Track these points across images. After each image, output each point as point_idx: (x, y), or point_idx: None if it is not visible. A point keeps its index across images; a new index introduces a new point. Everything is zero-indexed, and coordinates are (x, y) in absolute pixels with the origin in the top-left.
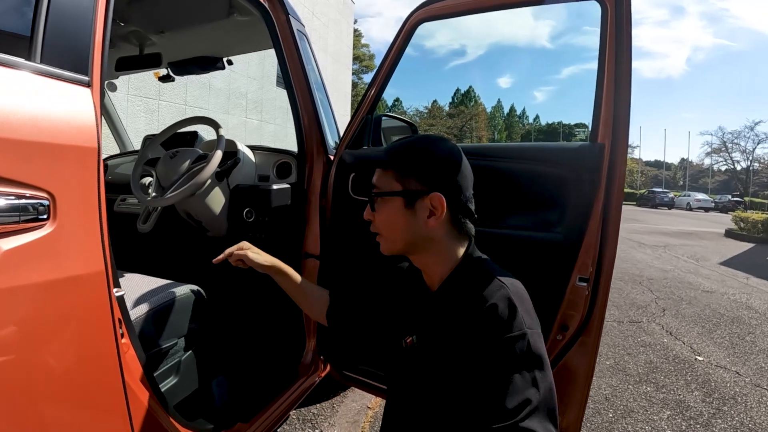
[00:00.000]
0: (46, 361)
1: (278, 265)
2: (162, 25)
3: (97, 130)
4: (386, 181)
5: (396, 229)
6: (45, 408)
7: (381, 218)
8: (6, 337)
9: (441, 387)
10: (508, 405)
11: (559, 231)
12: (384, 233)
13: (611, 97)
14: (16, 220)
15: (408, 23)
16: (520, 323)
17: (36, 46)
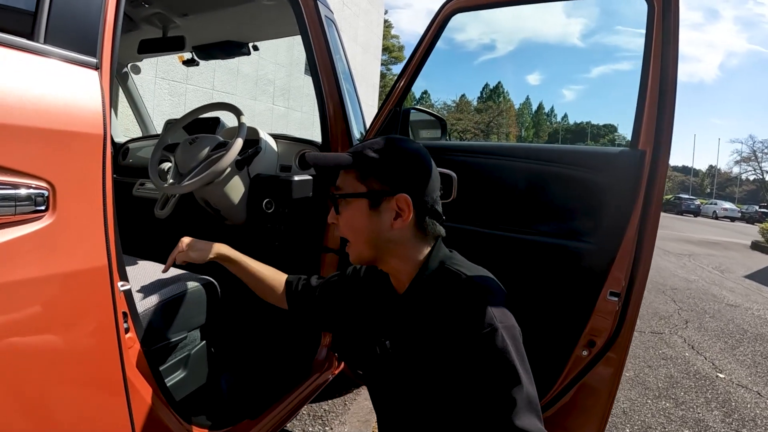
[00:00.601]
0: (42, 358)
1: (223, 254)
2: (186, 7)
3: (104, 116)
4: (350, 182)
5: (361, 233)
6: (42, 407)
7: (345, 221)
8: (1, 333)
9: (423, 391)
10: (494, 406)
11: (593, 241)
12: (350, 238)
13: (655, 102)
14: (11, 211)
15: (442, 13)
16: (490, 318)
17: (40, 25)
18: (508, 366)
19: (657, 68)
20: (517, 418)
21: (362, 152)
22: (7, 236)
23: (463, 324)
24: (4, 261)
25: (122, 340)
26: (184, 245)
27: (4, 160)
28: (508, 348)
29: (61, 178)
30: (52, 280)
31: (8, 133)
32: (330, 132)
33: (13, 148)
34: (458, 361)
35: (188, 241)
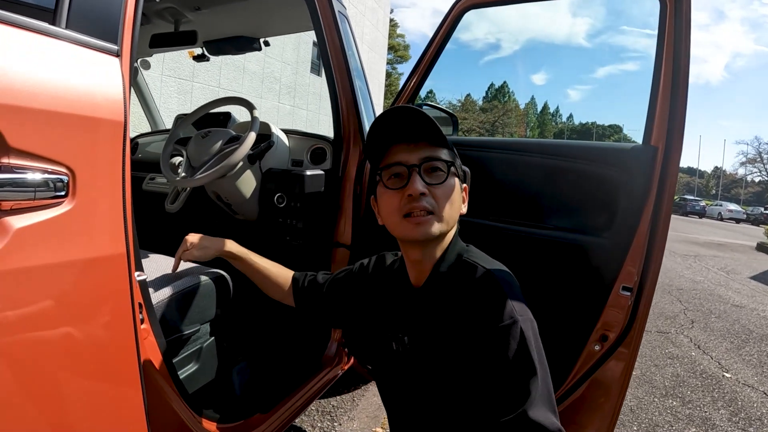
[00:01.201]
0: (60, 345)
1: (228, 251)
2: (198, 1)
3: (124, 103)
4: (446, 155)
5: (455, 207)
6: (58, 391)
7: (444, 190)
8: (18, 319)
9: (442, 386)
10: (510, 397)
11: (606, 236)
12: (442, 209)
13: (667, 99)
14: (30, 196)
15: (454, 10)
16: (510, 311)
17: (62, 10)
18: (526, 358)
19: (669, 65)
20: (531, 410)
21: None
22: (27, 221)
23: (484, 316)
24: (25, 246)
25: (138, 330)
26: (188, 243)
27: (25, 144)
28: (527, 341)
29: (81, 164)
30: (71, 267)
31: (28, 117)
32: (342, 128)
33: (33, 133)
34: (477, 353)
35: (192, 240)
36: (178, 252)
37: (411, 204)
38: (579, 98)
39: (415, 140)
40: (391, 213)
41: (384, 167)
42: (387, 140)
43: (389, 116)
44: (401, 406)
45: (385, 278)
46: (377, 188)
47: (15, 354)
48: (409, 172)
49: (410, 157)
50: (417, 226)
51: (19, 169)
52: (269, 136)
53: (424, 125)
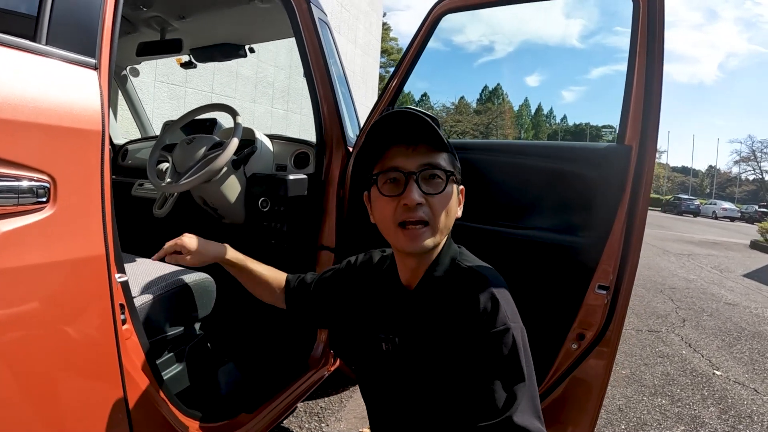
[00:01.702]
0: (40, 344)
1: (225, 259)
2: (183, 10)
3: (102, 113)
4: (446, 164)
5: (450, 216)
6: (39, 392)
7: (441, 200)
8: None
9: (429, 387)
10: (496, 401)
11: (582, 235)
12: (438, 219)
13: (641, 98)
14: (14, 202)
15: (432, 14)
16: (504, 317)
17: (42, 26)
18: (516, 365)
19: (642, 65)
20: (516, 415)
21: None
22: (10, 226)
23: (477, 321)
24: (8, 249)
25: (119, 331)
26: (184, 248)
27: (8, 154)
28: (518, 348)
29: (62, 172)
30: (52, 268)
31: (12, 128)
32: (325, 133)
33: (16, 143)
34: (467, 357)
35: (189, 244)
36: (168, 249)
37: (406, 214)
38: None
39: (415, 143)
40: (385, 219)
41: (380, 172)
42: (385, 141)
43: (390, 118)
44: (385, 406)
45: (374, 277)
46: (371, 190)
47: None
48: (406, 179)
49: (408, 163)
50: (412, 241)
51: (2, 177)
52: (253, 141)
53: (424, 129)
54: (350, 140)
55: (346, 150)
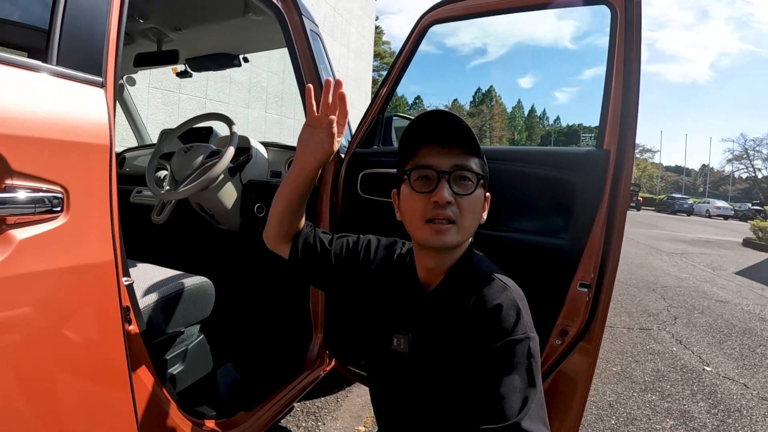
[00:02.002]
0: (57, 342)
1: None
2: (179, 22)
3: (109, 128)
4: (476, 166)
5: (477, 218)
6: (53, 385)
7: (470, 202)
8: (18, 321)
9: (439, 387)
10: (507, 406)
11: (563, 237)
12: (463, 221)
13: (618, 104)
14: (32, 211)
15: (420, 24)
16: (524, 326)
17: (52, 49)
18: (530, 373)
19: (620, 70)
20: (525, 421)
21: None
22: (28, 233)
23: (499, 327)
24: (26, 255)
25: (126, 330)
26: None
27: (26, 167)
28: (534, 358)
29: (74, 183)
30: (66, 273)
31: (28, 144)
32: None
33: (32, 158)
34: (483, 361)
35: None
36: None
37: (435, 211)
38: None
39: (450, 144)
40: (413, 215)
41: (413, 168)
42: (420, 139)
43: (427, 118)
44: (392, 403)
45: (392, 269)
46: (402, 186)
47: (16, 351)
48: (438, 177)
49: (442, 162)
50: (437, 234)
51: (20, 189)
52: (248, 149)
53: (460, 131)
54: (342, 147)
55: (338, 156)
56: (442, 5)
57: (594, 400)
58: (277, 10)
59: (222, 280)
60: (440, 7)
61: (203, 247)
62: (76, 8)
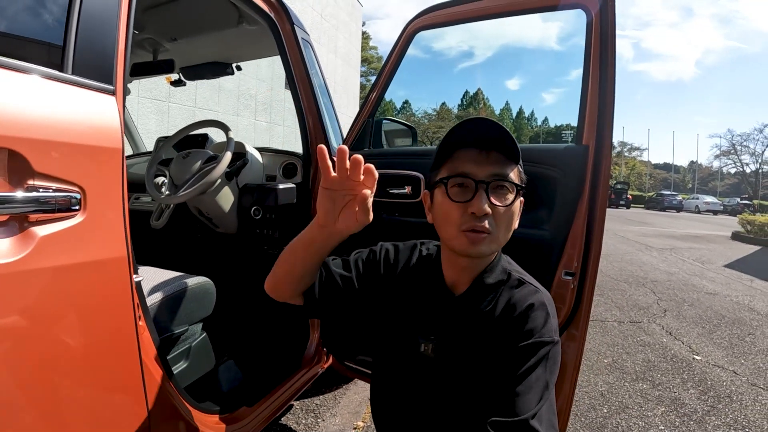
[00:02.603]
0: (73, 334)
1: None
2: (175, 32)
3: (121, 133)
4: (515, 175)
5: (511, 228)
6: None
7: (508, 213)
8: (41, 311)
9: (466, 390)
10: (521, 402)
11: (547, 228)
12: (499, 232)
13: (595, 101)
14: (52, 209)
15: (407, 31)
16: (551, 329)
17: (68, 59)
18: (549, 375)
19: (596, 69)
20: (534, 420)
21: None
22: (49, 230)
23: (529, 326)
24: (48, 250)
25: (137, 326)
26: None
27: (46, 169)
28: (556, 362)
29: (90, 184)
30: (85, 267)
31: (49, 147)
32: (310, 144)
33: (52, 160)
34: (507, 358)
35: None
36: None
37: (472, 222)
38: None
39: (488, 148)
40: (448, 223)
41: (450, 176)
42: (458, 143)
43: (466, 122)
44: (404, 403)
45: (416, 273)
46: (436, 190)
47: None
48: (476, 187)
49: (480, 171)
50: (473, 244)
51: (42, 189)
52: (244, 154)
53: (499, 135)
54: (334, 150)
55: (331, 159)
56: (427, 12)
57: (586, 391)
58: (270, 19)
59: (221, 282)
60: (426, 14)
61: (202, 250)
62: (89, 21)
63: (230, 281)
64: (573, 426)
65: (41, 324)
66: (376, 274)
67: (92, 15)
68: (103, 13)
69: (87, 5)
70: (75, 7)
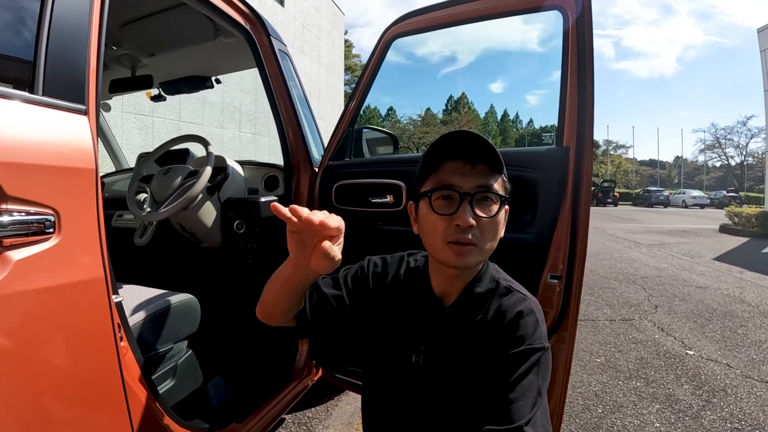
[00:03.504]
0: (52, 358)
1: None
2: (152, 48)
3: (94, 152)
4: (500, 185)
5: (497, 238)
6: (49, 402)
7: (493, 223)
8: (18, 336)
9: (457, 400)
10: (515, 409)
11: (531, 232)
12: (484, 243)
13: (575, 102)
14: (26, 233)
15: (384, 38)
16: (542, 336)
17: (38, 80)
18: (541, 381)
19: (575, 70)
20: (528, 427)
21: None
22: (24, 254)
23: (519, 333)
24: (24, 274)
25: (119, 347)
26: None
27: (19, 192)
28: (547, 367)
29: (64, 205)
30: (61, 290)
31: (21, 170)
32: (291, 156)
33: (25, 183)
34: (498, 366)
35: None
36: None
37: (457, 234)
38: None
39: (473, 160)
40: (433, 235)
41: (435, 189)
42: (443, 154)
43: (451, 134)
44: (396, 413)
45: (404, 285)
46: (421, 202)
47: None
48: (460, 199)
49: (464, 183)
50: (458, 256)
51: (15, 213)
52: (225, 168)
53: (484, 147)
54: (315, 161)
55: (312, 171)
56: (404, 19)
57: (580, 392)
58: (246, 32)
59: (207, 297)
60: (402, 21)
61: (186, 266)
62: (58, 41)
63: (217, 296)
64: (568, 428)
65: (18, 349)
66: (365, 289)
67: (62, 35)
68: (73, 34)
69: (56, 27)
70: (44, 28)
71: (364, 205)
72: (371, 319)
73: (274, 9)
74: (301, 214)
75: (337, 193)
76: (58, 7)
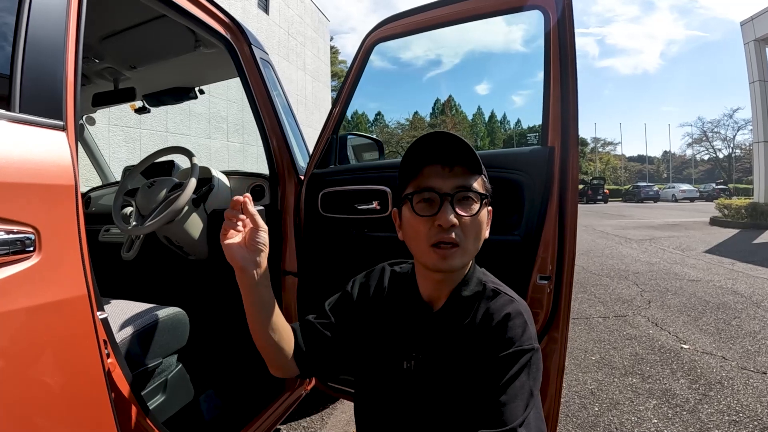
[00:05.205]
0: (36, 379)
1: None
2: (133, 60)
3: (73, 168)
4: (480, 185)
5: (480, 237)
6: (36, 424)
7: (474, 223)
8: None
9: (450, 404)
10: (508, 411)
11: (518, 233)
12: (467, 243)
13: (558, 101)
14: (6, 252)
15: (365, 44)
16: (531, 337)
17: (15, 97)
18: (533, 383)
19: (557, 69)
20: (522, 429)
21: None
22: (4, 274)
23: (508, 335)
24: (5, 294)
25: (105, 364)
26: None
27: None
28: (538, 368)
29: (44, 223)
30: (43, 309)
31: None
32: (276, 165)
33: (3, 202)
34: (489, 369)
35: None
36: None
37: (440, 235)
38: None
39: (451, 164)
40: (417, 239)
41: (415, 192)
42: (421, 160)
43: (428, 138)
44: (388, 420)
45: (390, 293)
46: (404, 207)
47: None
48: (441, 200)
49: (444, 185)
50: (443, 260)
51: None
52: (210, 179)
53: (462, 151)
54: (301, 169)
55: (298, 179)
56: (384, 24)
57: (576, 390)
58: (227, 41)
59: (196, 309)
60: (383, 26)
61: (175, 279)
62: (35, 58)
63: (206, 308)
64: (565, 427)
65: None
66: (351, 306)
67: (38, 51)
68: (49, 49)
69: (32, 42)
70: (19, 44)
71: (351, 213)
72: (361, 330)
73: (259, 17)
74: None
75: (323, 201)
76: (34, 22)
